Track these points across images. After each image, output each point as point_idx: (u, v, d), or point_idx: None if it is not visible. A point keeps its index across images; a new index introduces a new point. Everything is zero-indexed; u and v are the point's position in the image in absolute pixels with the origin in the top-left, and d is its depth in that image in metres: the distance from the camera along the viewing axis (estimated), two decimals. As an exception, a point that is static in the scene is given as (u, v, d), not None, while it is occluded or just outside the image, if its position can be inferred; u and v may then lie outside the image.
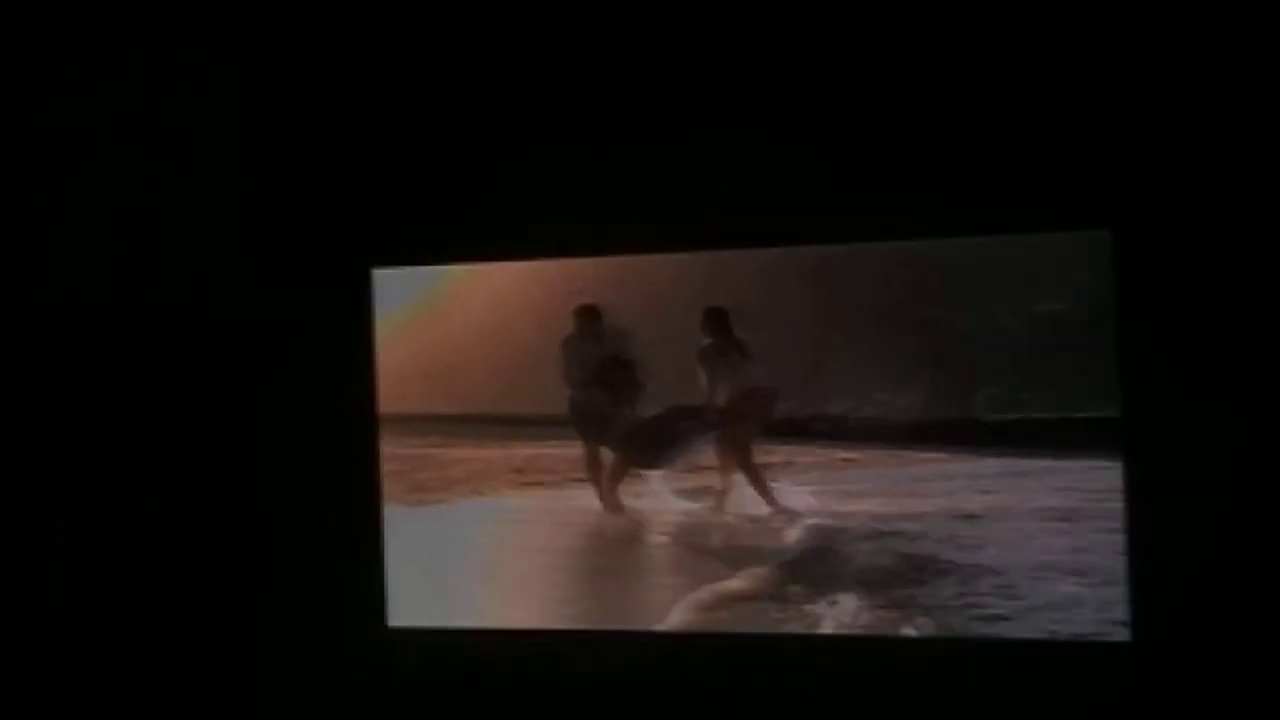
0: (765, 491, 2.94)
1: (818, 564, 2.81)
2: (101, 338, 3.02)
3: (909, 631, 2.71)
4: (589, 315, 2.96)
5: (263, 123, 2.98)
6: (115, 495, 3.02)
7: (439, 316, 3.05)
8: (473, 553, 3.06)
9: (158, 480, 3.02)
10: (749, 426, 2.94)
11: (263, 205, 2.99)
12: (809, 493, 2.90)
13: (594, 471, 3.03)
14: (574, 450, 3.01)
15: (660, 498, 3.01)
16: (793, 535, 2.88)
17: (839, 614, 2.75)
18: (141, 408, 3.02)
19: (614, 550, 3.02)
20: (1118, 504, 2.58)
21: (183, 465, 3.01)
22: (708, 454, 2.97)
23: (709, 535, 2.98)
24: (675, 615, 2.84)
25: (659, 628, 2.85)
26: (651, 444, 2.98)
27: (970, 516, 2.77)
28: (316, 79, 2.95)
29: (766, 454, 2.92)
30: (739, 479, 2.96)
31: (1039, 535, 2.71)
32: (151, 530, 3.01)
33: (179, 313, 3.00)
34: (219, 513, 3.00)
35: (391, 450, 3.00)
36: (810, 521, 2.88)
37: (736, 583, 2.85)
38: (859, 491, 2.86)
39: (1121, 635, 2.58)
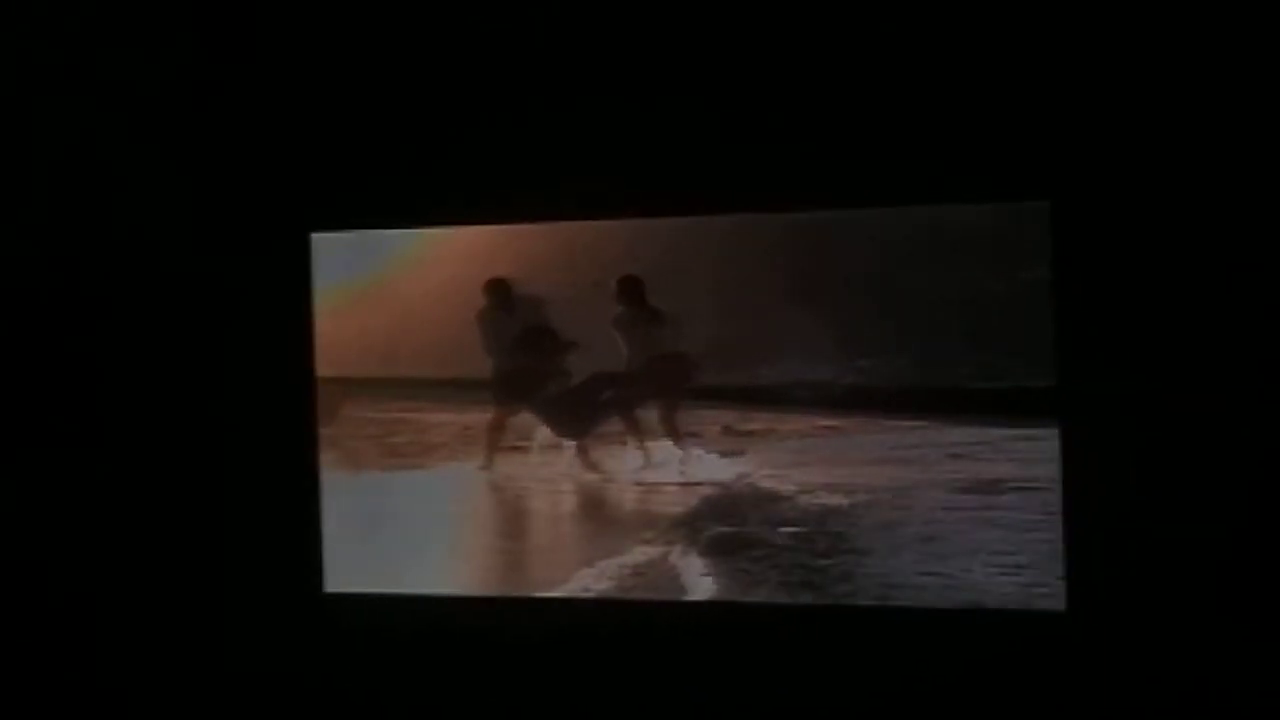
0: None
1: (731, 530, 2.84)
2: (29, 299, 3.00)
3: (841, 600, 2.72)
4: (499, 288, 2.97)
5: (206, 82, 2.95)
6: (50, 458, 3.00)
7: (415, 277, 3.04)
8: (433, 520, 3.06)
9: (94, 443, 2.99)
10: (664, 393, 2.95)
11: (205, 167, 2.96)
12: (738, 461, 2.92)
13: (495, 435, 3.04)
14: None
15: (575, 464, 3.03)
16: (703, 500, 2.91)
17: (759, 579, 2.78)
18: (79, 368, 2.99)
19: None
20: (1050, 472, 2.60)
21: (122, 429, 2.99)
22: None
23: (621, 501, 3.01)
24: (591, 581, 2.87)
25: (583, 594, 2.86)
26: (573, 414, 2.99)
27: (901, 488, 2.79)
28: (262, 41, 2.92)
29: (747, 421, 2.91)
30: (659, 445, 2.97)
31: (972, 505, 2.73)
32: (87, 494, 2.99)
33: (119, 274, 2.98)
34: (156, 476, 2.98)
35: (369, 414, 3.02)
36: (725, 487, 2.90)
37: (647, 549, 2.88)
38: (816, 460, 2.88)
39: (1056, 605, 2.59)
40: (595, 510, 3.04)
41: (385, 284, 3.02)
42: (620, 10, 2.74)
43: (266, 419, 2.94)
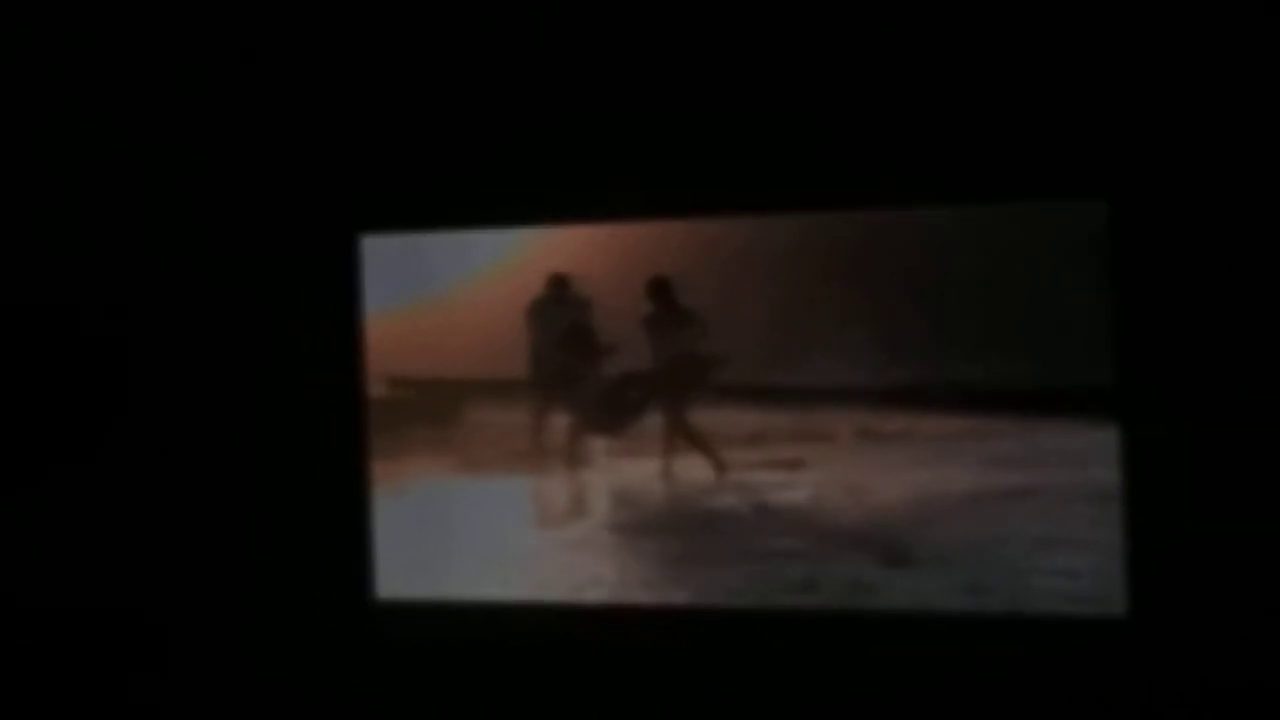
0: (710, 455, 2.97)
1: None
2: (75, 303, 2.98)
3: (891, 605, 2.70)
4: (559, 282, 3.03)
5: (248, 83, 2.93)
6: (96, 464, 2.98)
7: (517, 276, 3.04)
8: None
9: (140, 451, 2.98)
10: (686, 393, 2.96)
11: (248, 169, 2.94)
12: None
13: (538, 436, 3.07)
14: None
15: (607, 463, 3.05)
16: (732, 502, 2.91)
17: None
18: (122, 376, 2.98)
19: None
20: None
21: (168, 436, 2.97)
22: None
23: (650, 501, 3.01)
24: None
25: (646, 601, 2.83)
26: (604, 411, 3.01)
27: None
28: (302, 41, 2.91)
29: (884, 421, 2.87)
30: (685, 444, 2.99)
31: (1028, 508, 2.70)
32: (133, 502, 2.97)
33: (162, 280, 2.96)
34: (204, 484, 2.96)
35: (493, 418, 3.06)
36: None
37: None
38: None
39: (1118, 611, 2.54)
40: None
41: (495, 282, 3.03)
42: (662, 14, 2.73)
43: (317, 424, 2.91)
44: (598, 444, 3.07)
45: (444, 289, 3.01)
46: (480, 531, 3.02)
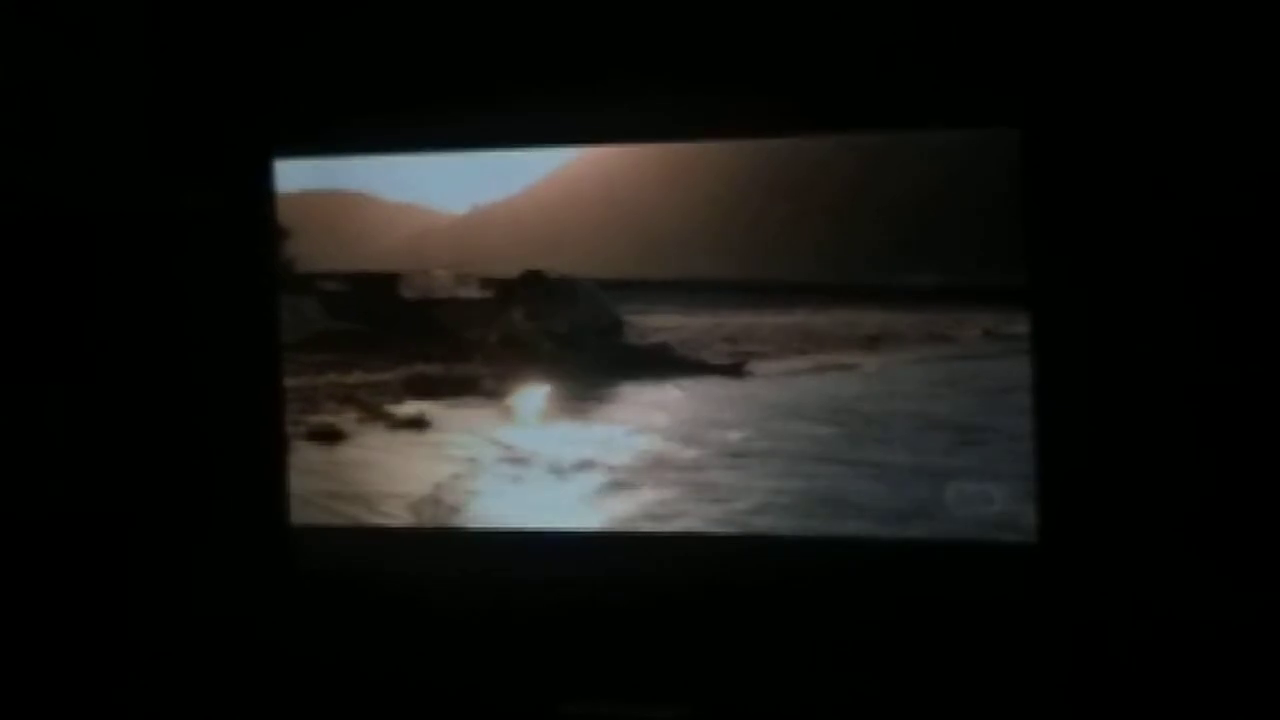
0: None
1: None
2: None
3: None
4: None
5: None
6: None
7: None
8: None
9: (49, 373, 2.90)
10: None
11: (160, 90, 2.90)
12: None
13: None
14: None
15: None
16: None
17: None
18: (33, 297, 2.91)
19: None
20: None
21: (77, 359, 2.91)
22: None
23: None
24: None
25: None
26: None
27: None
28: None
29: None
30: None
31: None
32: (43, 424, 2.90)
33: (66, 200, 2.89)
34: (114, 407, 2.92)
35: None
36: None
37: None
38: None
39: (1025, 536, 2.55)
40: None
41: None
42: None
43: (233, 344, 2.90)
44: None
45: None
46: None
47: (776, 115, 2.65)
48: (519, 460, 2.88)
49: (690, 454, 2.79)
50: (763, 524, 2.70)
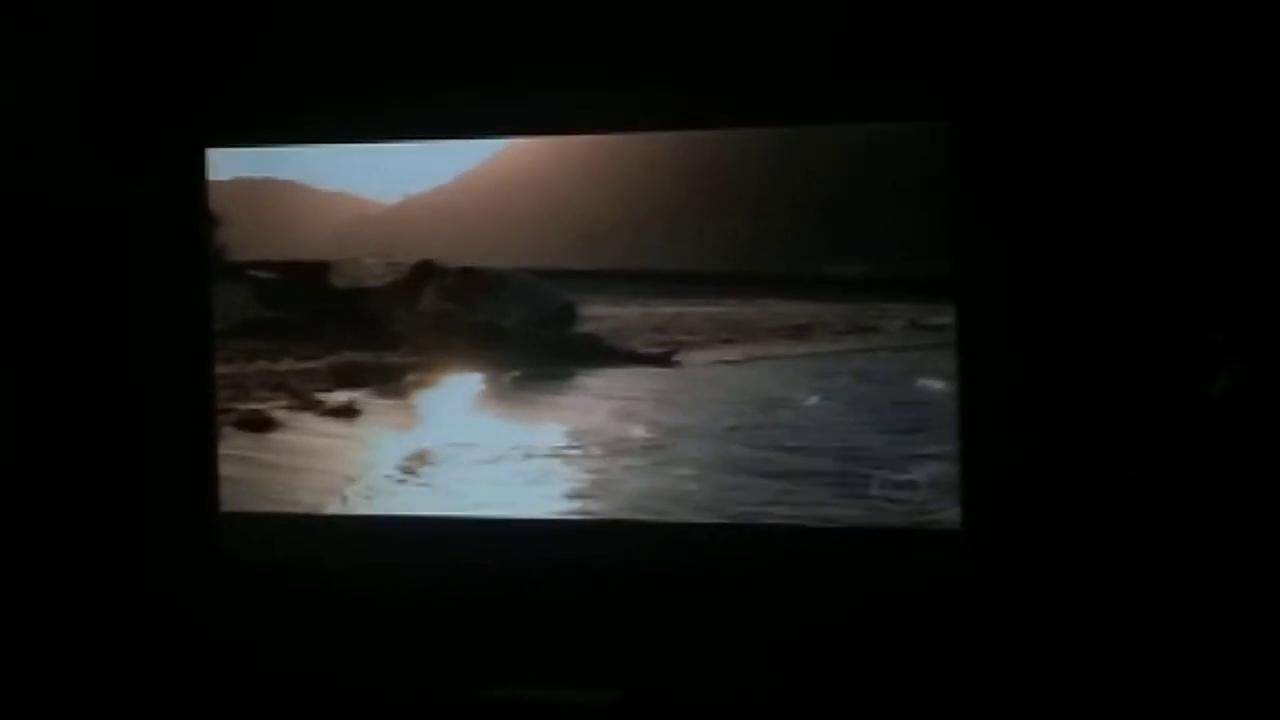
0: None
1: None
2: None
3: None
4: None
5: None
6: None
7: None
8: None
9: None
10: None
11: (92, 76, 2.91)
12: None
13: None
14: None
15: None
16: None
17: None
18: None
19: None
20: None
21: (10, 345, 2.91)
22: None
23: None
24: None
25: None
26: None
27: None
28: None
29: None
30: None
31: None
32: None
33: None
34: (47, 393, 2.93)
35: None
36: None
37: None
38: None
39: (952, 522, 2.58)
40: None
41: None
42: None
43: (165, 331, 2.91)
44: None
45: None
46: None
47: (703, 108, 2.66)
48: (447, 448, 2.90)
49: (620, 440, 2.80)
50: (693, 511, 2.73)
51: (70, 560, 2.95)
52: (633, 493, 2.77)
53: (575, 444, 2.83)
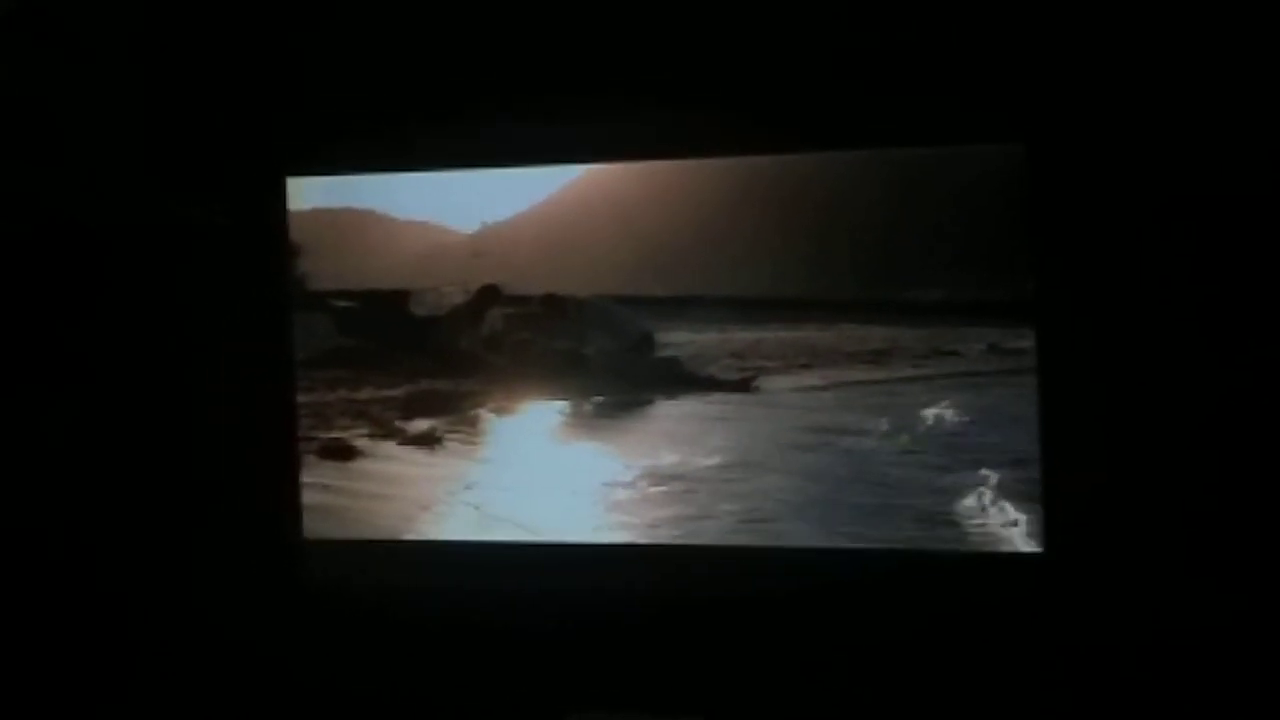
0: None
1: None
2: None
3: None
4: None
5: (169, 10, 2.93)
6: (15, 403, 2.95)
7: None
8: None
9: (65, 387, 2.94)
10: None
11: (170, 104, 2.93)
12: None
13: None
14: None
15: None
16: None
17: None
18: (50, 311, 2.94)
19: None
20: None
21: (94, 373, 2.94)
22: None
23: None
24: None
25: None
26: None
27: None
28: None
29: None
30: None
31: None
32: (61, 439, 2.92)
33: (86, 216, 2.92)
34: (129, 422, 2.94)
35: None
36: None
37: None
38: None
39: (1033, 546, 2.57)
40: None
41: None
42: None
43: (247, 362, 2.92)
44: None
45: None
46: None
47: (781, 132, 2.67)
48: (526, 474, 2.93)
49: (701, 467, 2.81)
50: (775, 536, 2.73)
51: (155, 590, 2.97)
52: (712, 518, 2.77)
53: (655, 470, 2.84)
